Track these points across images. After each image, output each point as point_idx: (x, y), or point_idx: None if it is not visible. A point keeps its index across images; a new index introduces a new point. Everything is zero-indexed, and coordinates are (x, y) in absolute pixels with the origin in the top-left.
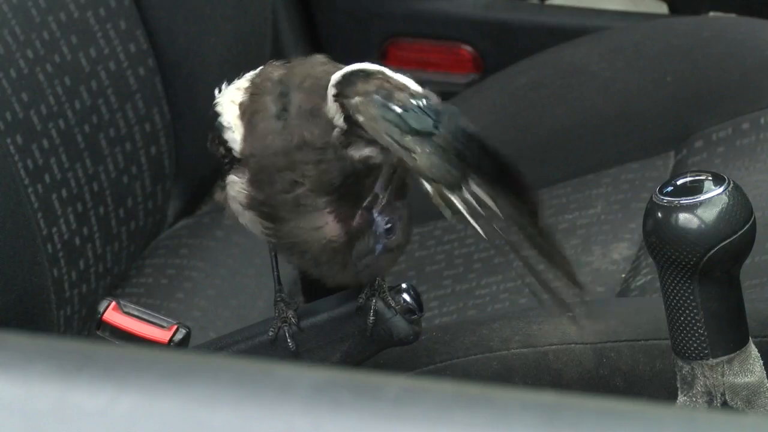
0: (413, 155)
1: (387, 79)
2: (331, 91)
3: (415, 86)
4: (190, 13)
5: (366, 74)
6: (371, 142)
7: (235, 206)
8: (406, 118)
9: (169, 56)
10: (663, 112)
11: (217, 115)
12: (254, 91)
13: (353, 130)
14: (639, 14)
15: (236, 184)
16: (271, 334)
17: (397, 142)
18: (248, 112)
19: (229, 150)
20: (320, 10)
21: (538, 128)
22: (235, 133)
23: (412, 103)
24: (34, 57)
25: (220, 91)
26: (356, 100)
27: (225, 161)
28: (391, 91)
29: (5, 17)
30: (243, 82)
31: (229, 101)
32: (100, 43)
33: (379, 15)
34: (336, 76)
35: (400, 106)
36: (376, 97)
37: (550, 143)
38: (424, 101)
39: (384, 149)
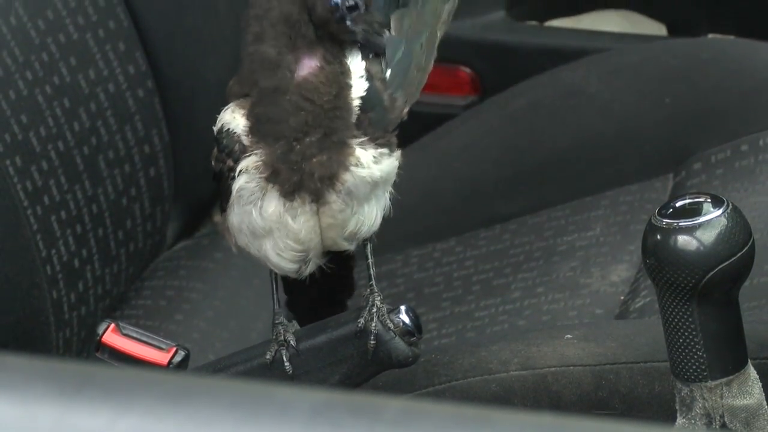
0: None
1: None
2: None
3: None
4: (188, 34)
5: None
6: None
7: (248, 195)
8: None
9: (168, 78)
10: (661, 133)
11: (220, 133)
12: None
13: None
14: (638, 36)
15: (249, 166)
16: (268, 356)
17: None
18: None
19: (235, 155)
20: None
21: (536, 150)
22: (236, 119)
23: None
24: (33, 79)
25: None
26: None
27: (232, 174)
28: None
29: (4, 39)
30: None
31: (228, 112)
32: (99, 64)
33: None
34: None
35: None
36: None
37: (549, 165)
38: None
39: None
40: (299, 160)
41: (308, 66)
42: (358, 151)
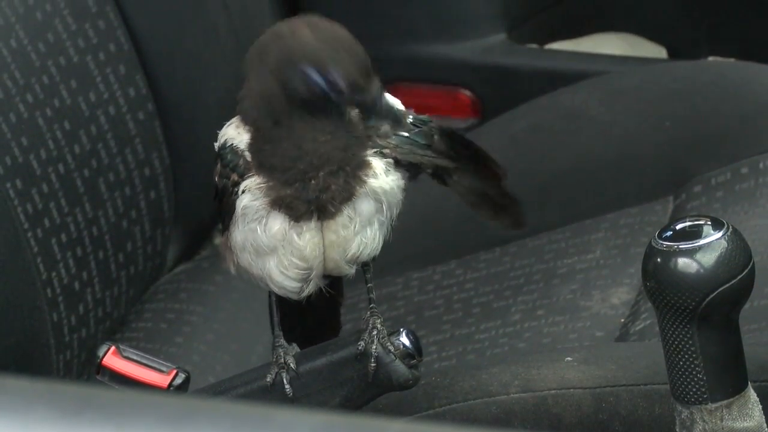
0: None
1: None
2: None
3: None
4: (189, 57)
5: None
6: None
7: (250, 222)
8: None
9: (168, 100)
10: (662, 156)
11: (224, 148)
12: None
13: None
14: (638, 59)
15: (252, 187)
16: (269, 379)
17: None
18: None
19: (240, 169)
20: None
21: (537, 172)
22: (241, 134)
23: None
24: (33, 101)
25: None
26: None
27: (236, 190)
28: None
29: (5, 62)
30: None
31: (232, 127)
32: (99, 87)
33: (378, 59)
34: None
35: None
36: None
37: (549, 187)
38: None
39: None
40: (317, 194)
41: (299, 129)
42: (374, 162)
